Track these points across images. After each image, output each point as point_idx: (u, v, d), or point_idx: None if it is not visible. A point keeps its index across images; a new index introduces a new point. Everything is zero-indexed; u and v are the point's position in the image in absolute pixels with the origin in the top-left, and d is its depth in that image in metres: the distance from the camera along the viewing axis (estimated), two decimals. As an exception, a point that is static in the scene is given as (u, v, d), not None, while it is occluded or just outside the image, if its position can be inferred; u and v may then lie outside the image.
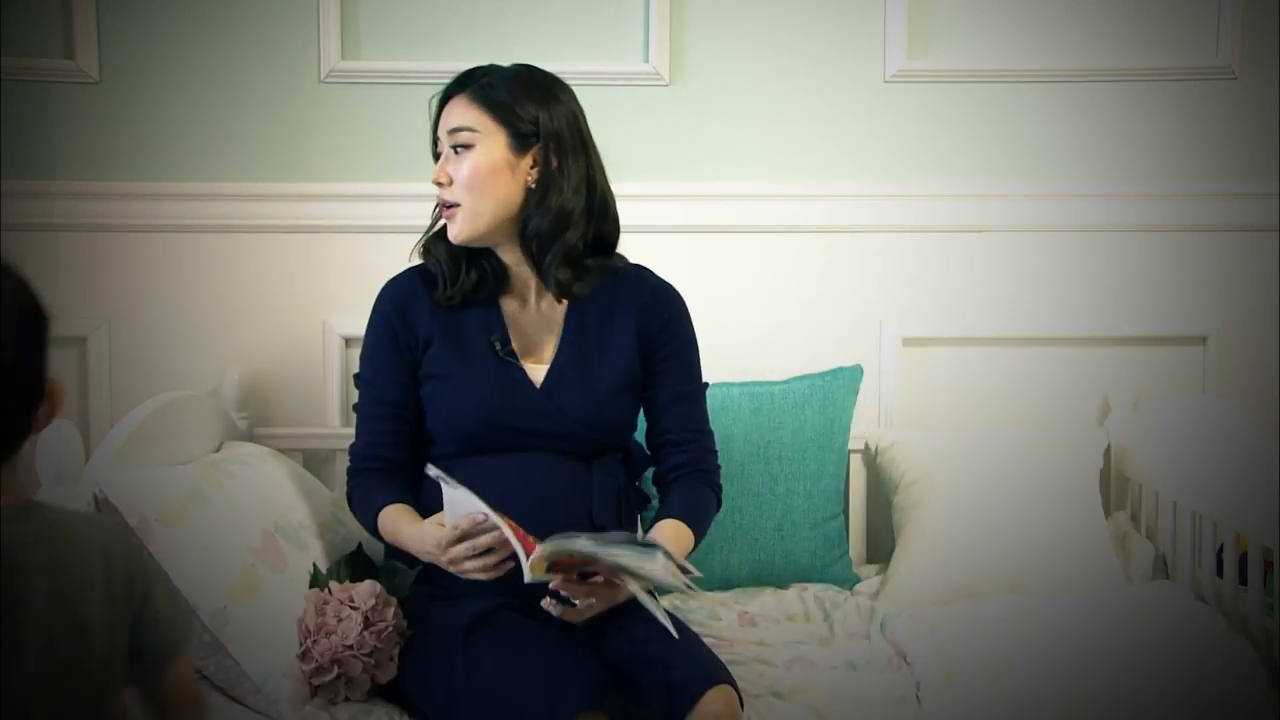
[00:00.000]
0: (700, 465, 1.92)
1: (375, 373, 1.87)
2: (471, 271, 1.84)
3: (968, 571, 2.21)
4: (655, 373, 1.91)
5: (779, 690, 1.82)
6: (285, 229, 2.50)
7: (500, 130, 1.79)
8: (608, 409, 1.85)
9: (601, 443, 1.84)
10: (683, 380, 1.93)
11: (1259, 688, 1.80)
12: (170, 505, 1.68)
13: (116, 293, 2.49)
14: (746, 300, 2.57)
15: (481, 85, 1.81)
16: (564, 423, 1.80)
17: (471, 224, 1.80)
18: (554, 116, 1.81)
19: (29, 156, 2.45)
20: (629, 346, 1.88)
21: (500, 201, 1.80)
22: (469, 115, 1.79)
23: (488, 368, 1.82)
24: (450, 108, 1.82)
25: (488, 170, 1.78)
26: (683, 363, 1.94)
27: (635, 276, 1.94)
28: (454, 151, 1.80)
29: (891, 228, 2.56)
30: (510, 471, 1.77)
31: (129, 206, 2.47)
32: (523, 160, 1.80)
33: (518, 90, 1.80)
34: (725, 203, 2.54)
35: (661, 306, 1.93)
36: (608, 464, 1.85)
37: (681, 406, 1.92)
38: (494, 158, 1.78)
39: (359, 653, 1.65)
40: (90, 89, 2.47)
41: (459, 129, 1.80)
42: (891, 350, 2.57)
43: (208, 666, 1.66)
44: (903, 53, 2.53)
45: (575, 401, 1.82)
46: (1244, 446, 2.05)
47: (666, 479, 1.91)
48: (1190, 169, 2.58)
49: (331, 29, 2.47)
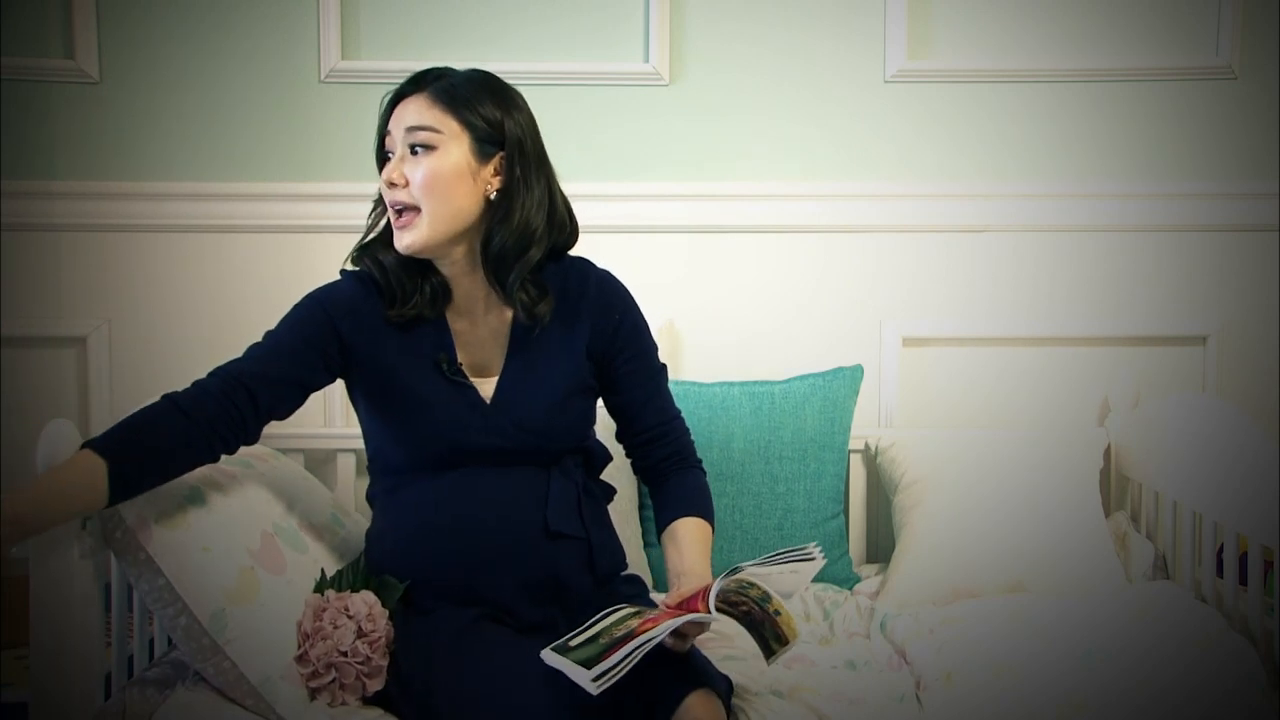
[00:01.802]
0: (685, 452, 1.89)
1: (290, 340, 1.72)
2: (426, 287, 1.74)
3: (968, 571, 2.21)
4: (620, 374, 1.83)
5: (779, 689, 1.82)
6: (285, 229, 2.50)
7: (464, 133, 1.68)
8: (560, 417, 1.77)
9: (557, 450, 1.79)
10: (648, 375, 1.86)
11: (1259, 688, 1.80)
12: (170, 506, 1.68)
13: (116, 293, 2.50)
14: (746, 300, 2.57)
15: (443, 85, 1.70)
16: (517, 437, 1.74)
17: (429, 232, 1.68)
18: (517, 124, 1.72)
19: (29, 156, 2.46)
20: (578, 350, 1.80)
21: (459, 210, 1.69)
22: (431, 115, 1.68)
23: (437, 387, 1.74)
24: (406, 106, 1.71)
25: (450, 174, 1.67)
26: (644, 360, 1.86)
27: (579, 276, 1.83)
28: (411, 152, 1.69)
29: (891, 228, 2.56)
30: (464, 484, 1.73)
31: (129, 206, 2.48)
32: (484, 169, 1.70)
33: (481, 93, 1.70)
34: (725, 203, 2.54)
35: (611, 307, 1.82)
36: (566, 467, 1.80)
37: (655, 400, 1.87)
38: (456, 161, 1.68)
39: (352, 660, 1.66)
40: (90, 89, 2.47)
41: (420, 128, 1.68)
42: (891, 350, 2.57)
43: (206, 669, 1.66)
44: (903, 53, 2.53)
45: (526, 414, 1.75)
46: (1244, 446, 2.05)
47: (657, 471, 1.88)
48: (1190, 169, 2.58)
49: (331, 29, 2.47)
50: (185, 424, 1.60)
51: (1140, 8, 2.55)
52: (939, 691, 1.84)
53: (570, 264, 1.84)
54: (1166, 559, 2.30)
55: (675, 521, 1.81)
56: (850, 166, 2.56)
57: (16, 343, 2.48)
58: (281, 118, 2.50)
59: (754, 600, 1.58)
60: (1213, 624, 1.94)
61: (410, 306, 1.74)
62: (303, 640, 1.69)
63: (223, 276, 2.50)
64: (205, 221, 2.49)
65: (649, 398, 1.87)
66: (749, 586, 1.57)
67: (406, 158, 1.70)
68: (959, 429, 2.53)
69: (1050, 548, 2.22)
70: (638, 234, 2.52)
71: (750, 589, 1.57)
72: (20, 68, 2.44)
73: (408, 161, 1.69)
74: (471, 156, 1.69)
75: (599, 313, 1.81)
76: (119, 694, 1.73)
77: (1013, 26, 2.56)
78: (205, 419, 1.62)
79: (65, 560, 1.60)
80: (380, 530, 1.83)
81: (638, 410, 1.86)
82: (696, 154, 2.54)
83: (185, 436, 1.61)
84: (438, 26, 2.51)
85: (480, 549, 1.72)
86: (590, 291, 1.82)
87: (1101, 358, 2.60)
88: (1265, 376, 2.60)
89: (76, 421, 2.36)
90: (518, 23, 2.51)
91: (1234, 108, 2.57)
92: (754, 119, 2.55)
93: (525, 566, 1.72)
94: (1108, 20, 2.56)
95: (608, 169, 2.53)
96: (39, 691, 1.60)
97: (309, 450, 2.41)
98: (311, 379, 1.73)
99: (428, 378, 1.74)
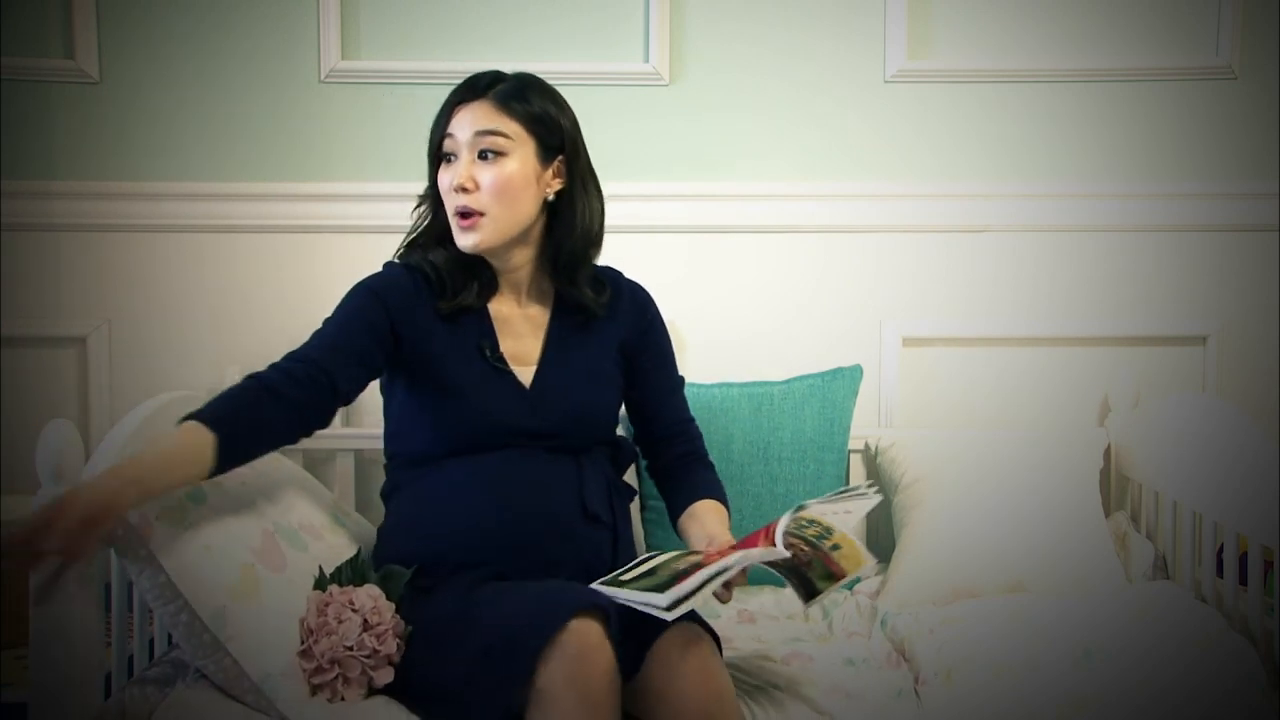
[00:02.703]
0: (699, 451, 2.00)
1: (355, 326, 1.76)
2: (473, 280, 1.83)
3: (968, 571, 2.21)
4: (642, 375, 1.95)
5: (778, 684, 1.83)
6: (285, 229, 2.50)
7: (530, 139, 1.77)
8: (593, 406, 1.87)
9: (589, 438, 1.86)
10: (668, 377, 1.99)
11: (1259, 688, 1.80)
12: (170, 505, 1.68)
13: (116, 293, 2.50)
14: (746, 300, 2.57)
15: (506, 90, 1.77)
16: (553, 422, 1.81)
17: (496, 234, 1.77)
18: (572, 125, 1.82)
19: (29, 156, 2.46)
20: (611, 347, 1.91)
21: (524, 213, 1.78)
22: (499, 120, 1.75)
23: (480, 374, 1.81)
24: (472, 110, 1.76)
25: (520, 181, 1.76)
26: (665, 361, 1.98)
27: (613, 278, 1.95)
28: (480, 157, 1.75)
29: (891, 228, 2.56)
30: (504, 466, 1.78)
31: (129, 206, 2.48)
32: (546, 172, 1.80)
33: (541, 97, 1.79)
34: (725, 203, 2.54)
35: (641, 312, 1.95)
36: (596, 458, 1.87)
37: (673, 400, 1.99)
38: (525, 168, 1.76)
39: (358, 654, 1.66)
40: (90, 89, 2.47)
41: (490, 132, 1.74)
42: (891, 350, 2.57)
43: (207, 666, 1.66)
44: (903, 53, 2.53)
45: (562, 400, 1.83)
46: (1244, 446, 2.05)
47: (671, 468, 1.97)
48: (1190, 169, 2.58)
49: (331, 29, 2.47)
50: (278, 405, 1.66)
51: (1140, 8, 2.56)
52: (938, 688, 1.84)
53: (602, 268, 1.95)
54: (1166, 559, 2.30)
55: (694, 504, 1.90)
56: (850, 166, 2.56)
57: (16, 343, 2.48)
58: (281, 118, 2.50)
59: (809, 540, 1.60)
60: (1213, 624, 1.94)
61: (460, 299, 1.81)
62: (306, 636, 1.69)
63: (222, 276, 2.50)
64: (205, 221, 2.49)
65: (668, 396, 1.99)
66: (808, 525, 1.59)
67: (475, 162, 1.75)
68: (959, 429, 2.53)
69: (1050, 548, 2.22)
70: (638, 234, 2.52)
71: (809, 527, 1.59)
72: (20, 68, 2.44)
73: (476, 166, 1.75)
74: (537, 161, 1.78)
75: (634, 312, 1.94)
76: (119, 693, 1.73)
77: (1013, 26, 2.56)
78: (294, 402, 1.68)
79: (65, 559, 1.60)
80: (402, 520, 1.85)
81: (657, 407, 1.97)
82: (696, 154, 2.54)
83: (280, 416, 1.67)
84: (438, 26, 2.51)
85: (519, 524, 1.75)
86: (625, 293, 1.95)
87: (1101, 358, 2.60)
88: (1265, 376, 2.60)
89: (76, 421, 2.36)
90: (518, 23, 2.51)
91: (1234, 108, 2.57)
92: (754, 119, 2.55)
93: (559, 548, 1.77)
94: (1108, 20, 2.56)
95: (607, 169, 2.49)
96: (39, 691, 1.60)
97: (309, 450, 2.41)
98: (375, 362, 1.79)
99: (471, 364, 1.81)
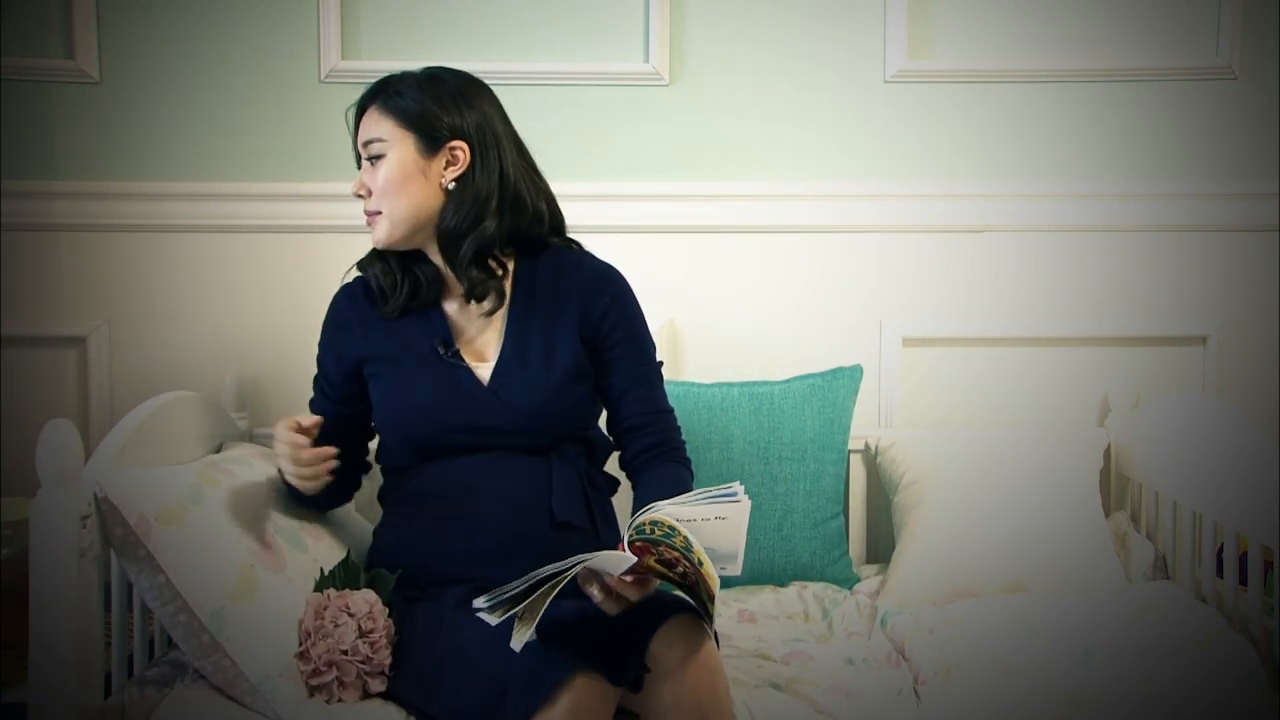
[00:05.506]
0: (668, 444, 1.89)
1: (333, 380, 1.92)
2: (405, 282, 1.87)
3: (968, 571, 2.21)
4: (607, 359, 1.87)
5: (777, 682, 1.83)
6: (285, 229, 2.50)
7: (408, 135, 1.80)
8: (556, 401, 1.81)
9: (557, 435, 1.83)
10: (635, 363, 1.88)
11: (1259, 688, 1.80)
12: (170, 505, 1.68)
13: (116, 293, 2.50)
14: (746, 300, 2.57)
15: (387, 95, 1.82)
16: (514, 419, 1.79)
17: (389, 229, 1.82)
18: (464, 117, 1.81)
19: (29, 156, 2.46)
20: (571, 333, 1.85)
21: (416, 204, 1.81)
22: (379, 127, 1.81)
23: (434, 372, 1.82)
24: (364, 119, 1.84)
25: (399, 176, 1.80)
26: (633, 345, 1.88)
27: (574, 263, 1.90)
28: (370, 163, 1.82)
29: (891, 228, 2.56)
30: (467, 472, 1.78)
31: (129, 206, 2.48)
32: (434, 163, 1.81)
33: (423, 96, 1.81)
34: (725, 203, 2.54)
35: (602, 291, 1.88)
36: (568, 455, 1.83)
37: (639, 389, 1.88)
38: (404, 162, 1.80)
39: (353, 658, 1.67)
40: (90, 89, 2.47)
41: (370, 140, 1.82)
42: (891, 350, 2.57)
43: (205, 666, 1.66)
44: (903, 53, 2.53)
45: (523, 396, 1.80)
46: (1244, 446, 2.05)
47: (636, 463, 1.88)
48: (1190, 169, 2.58)
49: (331, 29, 2.47)
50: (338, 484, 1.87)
51: (1140, 8, 2.55)
52: (938, 687, 1.85)
53: (566, 252, 1.92)
54: (1166, 559, 2.30)
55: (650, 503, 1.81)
56: (850, 166, 2.56)
57: (16, 343, 2.48)
58: (281, 118, 2.50)
59: (681, 552, 1.51)
60: (1213, 624, 1.94)
61: (394, 303, 1.87)
62: (304, 638, 1.69)
63: (223, 276, 2.50)
64: (205, 221, 2.49)
65: (635, 384, 1.88)
66: (672, 533, 1.49)
67: (366, 169, 1.84)
68: (959, 429, 2.53)
69: (1050, 548, 2.22)
70: (638, 234, 2.52)
71: (674, 536, 1.49)
72: (20, 68, 2.44)
73: (367, 172, 1.84)
74: (417, 155, 1.81)
75: (589, 295, 1.87)
76: (119, 693, 1.73)
77: (1013, 26, 2.56)
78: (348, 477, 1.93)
79: (65, 560, 1.60)
80: (387, 525, 1.89)
81: (620, 395, 1.88)
82: (696, 154, 2.54)
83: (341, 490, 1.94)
84: (437, 26, 2.51)
85: (485, 537, 1.76)
86: (583, 275, 1.89)
87: (1101, 358, 2.60)
88: (1265, 376, 2.60)
89: (76, 421, 2.36)
90: (517, 23, 2.51)
91: (1234, 108, 2.57)
92: (754, 119, 2.55)
93: (529, 556, 1.72)
94: (1108, 20, 2.56)
95: (608, 169, 2.53)
96: (39, 691, 1.60)
97: (309, 450, 2.41)
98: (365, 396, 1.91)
99: (427, 364, 1.84)
